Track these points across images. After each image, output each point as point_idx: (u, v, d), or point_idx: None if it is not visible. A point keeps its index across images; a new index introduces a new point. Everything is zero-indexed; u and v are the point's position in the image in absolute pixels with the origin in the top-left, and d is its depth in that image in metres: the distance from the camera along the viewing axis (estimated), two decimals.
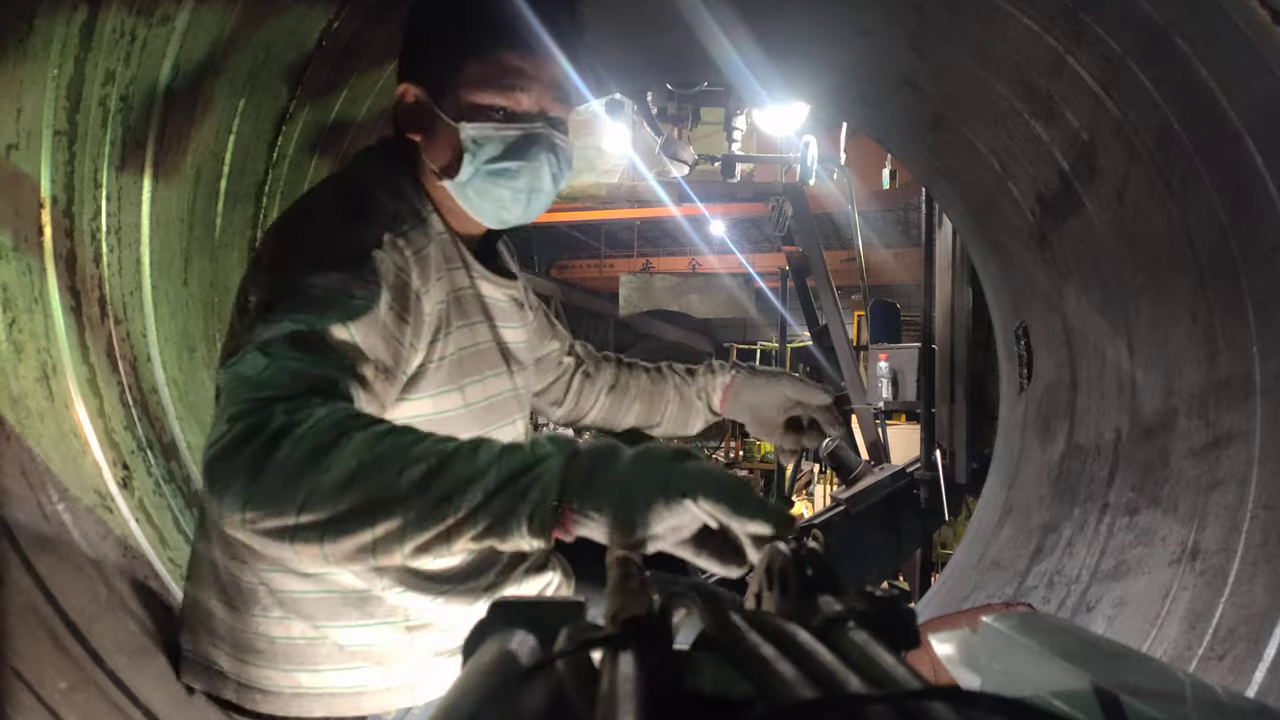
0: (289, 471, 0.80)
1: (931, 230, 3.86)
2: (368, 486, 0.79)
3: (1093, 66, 1.76)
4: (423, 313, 1.12)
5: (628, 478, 0.76)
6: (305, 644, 1.20)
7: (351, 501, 0.79)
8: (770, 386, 1.59)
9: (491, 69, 1.15)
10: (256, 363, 0.89)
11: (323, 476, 0.80)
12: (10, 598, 1.22)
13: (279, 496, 0.81)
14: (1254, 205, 1.43)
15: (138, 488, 1.54)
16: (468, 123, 1.15)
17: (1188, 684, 0.52)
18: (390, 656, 1.21)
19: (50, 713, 1.21)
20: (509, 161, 1.15)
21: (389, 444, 0.81)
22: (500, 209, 1.20)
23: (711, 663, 0.41)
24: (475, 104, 1.15)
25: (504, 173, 1.16)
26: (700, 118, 5.13)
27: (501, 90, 1.15)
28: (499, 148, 1.15)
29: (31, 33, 1.26)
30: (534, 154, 1.16)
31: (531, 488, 0.77)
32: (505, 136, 1.15)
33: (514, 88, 1.15)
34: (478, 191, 1.18)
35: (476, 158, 1.15)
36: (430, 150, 1.20)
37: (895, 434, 5.35)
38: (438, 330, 1.16)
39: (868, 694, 0.31)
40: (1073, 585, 2.00)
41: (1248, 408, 1.52)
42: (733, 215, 10.79)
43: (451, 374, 1.19)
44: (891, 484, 3.93)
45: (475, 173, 1.16)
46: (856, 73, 2.78)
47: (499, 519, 0.78)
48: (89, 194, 1.47)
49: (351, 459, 0.80)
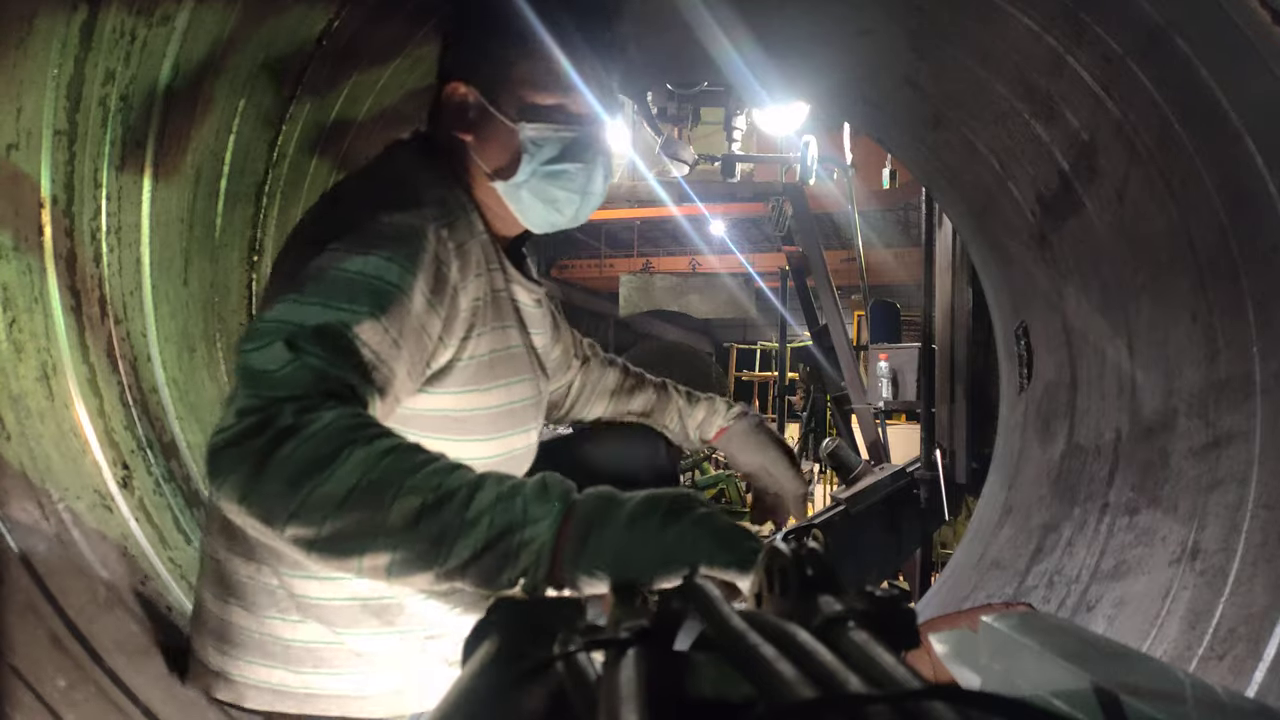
0: (287, 476, 0.79)
1: (931, 230, 3.86)
2: (359, 512, 0.77)
3: (1093, 66, 1.76)
4: (458, 307, 1.10)
5: (625, 547, 0.72)
6: (321, 647, 1.18)
7: (341, 523, 0.77)
8: (758, 453, 1.60)
9: (550, 69, 1.14)
10: (279, 356, 0.86)
11: (317, 489, 0.78)
12: (10, 597, 1.22)
13: (274, 499, 0.79)
14: (1254, 205, 1.43)
15: (138, 488, 1.54)
16: (527, 123, 1.14)
17: (1188, 684, 0.52)
18: (404, 662, 1.20)
19: (50, 712, 1.21)
20: (567, 163, 1.15)
21: (387, 466, 0.79)
22: (553, 211, 1.20)
23: (712, 663, 0.41)
24: (534, 104, 1.14)
25: (561, 174, 1.15)
26: (700, 118, 5.12)
27: (558, 91, 1.14)
28: (557, 149, 1.15)
29: (31, 33, 1.26)
30: (590, 156, 1.16)
31: (522, 550, 0.75)
32: (563, 138, 1.15)
33: (572, 89, 1.14)
34: (533, 193, 1.17)
35: (534, 159, 1.15)
36: (483, 151, 1.18)
37: (895, 434, 5.35)
38: (470, 328, 1.14)
39: (867, 694, 0.31)
40: (1073, 585, 2.00)
41: (1248, 408, 1.52)
42: (733, 215, 10.80)
43: (479, 374, 1.16)
44: (891, 484, 3.93)
45: (533, 174, 1.16)
46: (857, 73, 2.78)
47: (487, 576, 0.76)
48: (89, 194, 1.47)
49: (349, 476, 0.78)
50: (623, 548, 0.72)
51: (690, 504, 0.75)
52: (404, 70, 2.24)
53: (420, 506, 0.76)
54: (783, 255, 6.70)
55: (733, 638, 0.40)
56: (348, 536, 0.77)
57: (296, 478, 0.78)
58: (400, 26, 2.10)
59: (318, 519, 0.77)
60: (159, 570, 1.52)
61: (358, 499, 0.77)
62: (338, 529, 0.77)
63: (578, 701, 0.39)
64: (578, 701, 0.39)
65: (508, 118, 1.14)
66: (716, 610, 0.43)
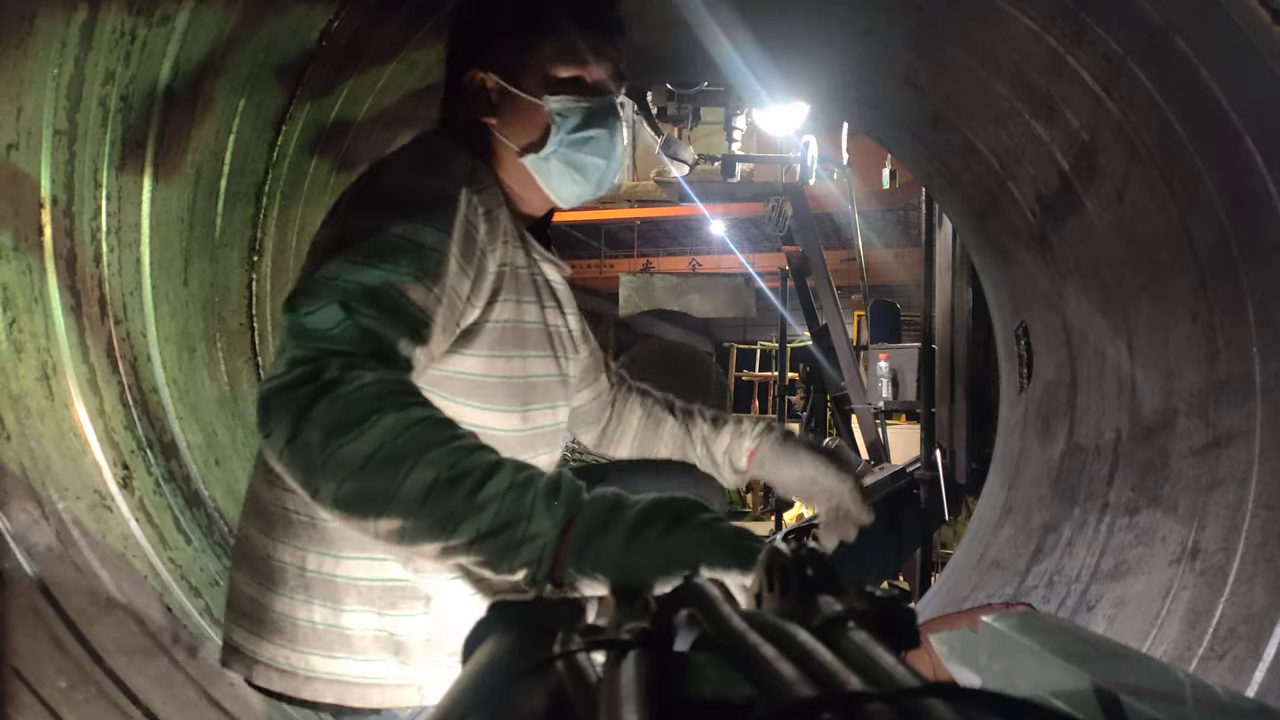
0: (323, 428, 0.82)
1: (931, 230, 3.86)
2: (377, 476, 0.80)
3: (1093, 66, 1.76)
4: (485, 269, 1.15)
5: (625, 554, 0.73)
6: (324, 629, 1.19)
7: (360, 484, 0.81)
8: (795, 467, 1.49)
9: (566, 45, 1.21)
10: (334, 315, 0.91)
11: (345, 446, 0.81)
12: (10, 598, 1.22)
13: (309, 449, 0.83)
14: (1254, 205, 1.43)
15: (138, 488, 1.54)
16: (551, 96, 1.21)
17: (1188, 684, 0.52)
18: (408, 652, 1.20)
19: (50, 712, 1.21)
20: (591, 130, 1.21)
21: (412, 435, 0.82)
22: (580, 179, 1.26)
23: (712, 663, 0.41)
24: (555, 78, 1.21)
25: (587, 141, 1.22)
26: (700, 118, 5.12)
27: (577, 64, 1.21)
28: (580, 117, 1.21)
29: (31, 33, 1.26)
30: (610, 122, 1.23)
31: (524, 545, 0.77)
32: (585, 107, 1.21)
33: (587, 61, 1.22)
34: (563, 161, 1.24)
35: (561, 129, 1.22)
36: (509, 130, 1.24)
37: (895, 434, 5.34)
38: (495, 293, 1.19)
39: (866, 692, 0.31)
40: (1073, 585, 2.00)
41: (1248, 408, 1.52)
42: (733, 215, 10.79)
43: (503, 340, 1.21)
44: (891, 484, 3.93)
45: (560, 143, 1.22)
46: (857, 73, 2.78)
47: (489, 561, 0.78)
48: (89, 194, 1.47)
49: (374, 440, 0.81)
50: (624, 553, 0.73)
51: (694, 510, 0.75)
52: (403, 71, 2.24)
53: (433, 481, 0.79)
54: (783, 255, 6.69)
55: (733, 638, 0.40)
56: (365, 498, 0.81)
57: (329, 432, 0.82)
58: (400, 27, 2.10)
59: (341, 476, 0.81)
60: (159, 570, 1.52)
61: (378, 463, 0.80)
62: (357, 489, 0.81)
63: (578, 702, 0.39)
64: (578, 702, 0.39)
65: (532, 94, 1.21)
66: (716, 610, 0.43)
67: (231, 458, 1.93)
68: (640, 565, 0.72)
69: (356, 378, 0.85)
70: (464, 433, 0.85)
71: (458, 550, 0.78)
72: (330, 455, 0.81)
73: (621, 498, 0.78)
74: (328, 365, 0.85)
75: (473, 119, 1.26)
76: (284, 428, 0.83)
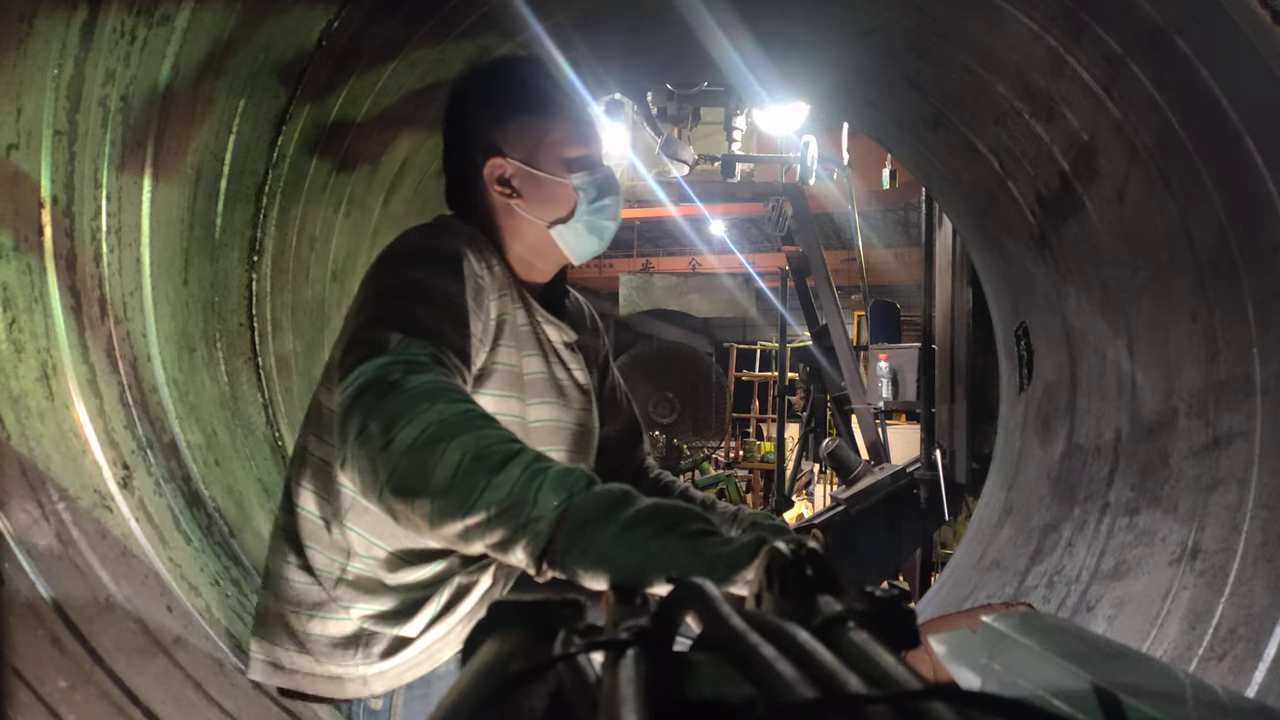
0: (383, 420, 0.91)
1: (931, 230, 3.86)
2: (416, 458, 0.88)
3: (1093, 66, 1.76)
4: (490, 314, 1.28)
5: (612, 548, 0.76)
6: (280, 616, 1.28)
7: (404, 468, 0.88)
8: None
9: (573, 128, 1.38)
10: (390, 338, 1.03)
11: (398, 435, 0.89)
12: (10, 598, 1.22)
13: (372, 439, 0.91)
14: (1254, 205, 1.43)
15: (138, 488, 1.54)
16: (572, 174, 1.37)
17: (1188, 684, 0.52)
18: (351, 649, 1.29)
19: (50, 712, 1.21)
20: (606, 199, 1.39)
21: (450, 424, 0.90)
22: (596, 239, 1.41)
23: (712, 663, 0.41)
24: (573, 157, 1.37)
25: (604, 208, 1.39)
26: (700, 118, 5.12)
27: (584, 143, 1.38)
28: (597, 189, 1.38)
29: (31, 33, 1.26)
30: (616, 187, 1.41)
31: (527, 526, 0.81)
32: (598, 179, 1.39)
33: (590, 139, 1.40)
34: (586, 227, 1.39)
35: (585, 200, 1.38)
36: (535, 208, 1.38)
37: (895, 434, 5.35)
38: (498, 338, 1.30)
39: (867, 694, 0.31)
40: (1073, 585, 2.00)
41: (1248, 408, 1.52)
42: (733, 215, 10.79)
43: (511, 383, 1.31)
44: (891, 484, 3.93)
45: (585, 212, 1.38)
46: (857, 73, 2.78)
47: (499, 542, 0.83)
48: (89, 194, 1.47)
49: (418, 426, 0.89)
50: (612, 546, 0.76)
51: (689, 519, 0.77)
52: (403, 71, 2.24)
53: (459, 461, 0.86)
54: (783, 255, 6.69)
55: (732, 638, 0.40)
56: (406, 481, 0.88)
57: (388, 422, 0.91)
58: (399, 27, 2.10)
59: (393, 462, 0.88)
60: (159, 570, 1.52)
61: (420, 446, 0.88)
62: (401, 472, 0.88)
63: (577, 702, 0.39)
64: (577, 702, 0.39)
65: (555, 174, 1.36)
66: (716, 610, 0.43)
67: (231, 458, 1.93)
68: (625, 562, 0.75)
69: (416, 377, 0.96)
70: (498, 425, 0.93)
71: (474, 530, 0.83)
72: (387, 443, 0.89)
73: (628, 496, 0.81)
74: (392, 371, 0.97)
75: (489, 202, 1.39)
76: (354, 426, 0.93)
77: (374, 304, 1.13)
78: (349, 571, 1.27)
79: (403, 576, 1.27)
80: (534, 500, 0.82)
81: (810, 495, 9.09)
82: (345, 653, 1.27)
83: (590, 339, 1.58)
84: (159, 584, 1.50)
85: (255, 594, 1.73)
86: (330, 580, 1.28)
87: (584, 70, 2.76)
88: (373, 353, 1.00)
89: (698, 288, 12.25)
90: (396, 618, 1.27)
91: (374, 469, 0.90)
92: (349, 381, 0.98)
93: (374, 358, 0.99)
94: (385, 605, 1.27)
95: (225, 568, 1.74)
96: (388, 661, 1.28)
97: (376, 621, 1.27)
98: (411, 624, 1.27)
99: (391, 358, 0.99)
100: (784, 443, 8.42)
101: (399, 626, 1.27)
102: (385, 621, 1.27)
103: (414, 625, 1.27)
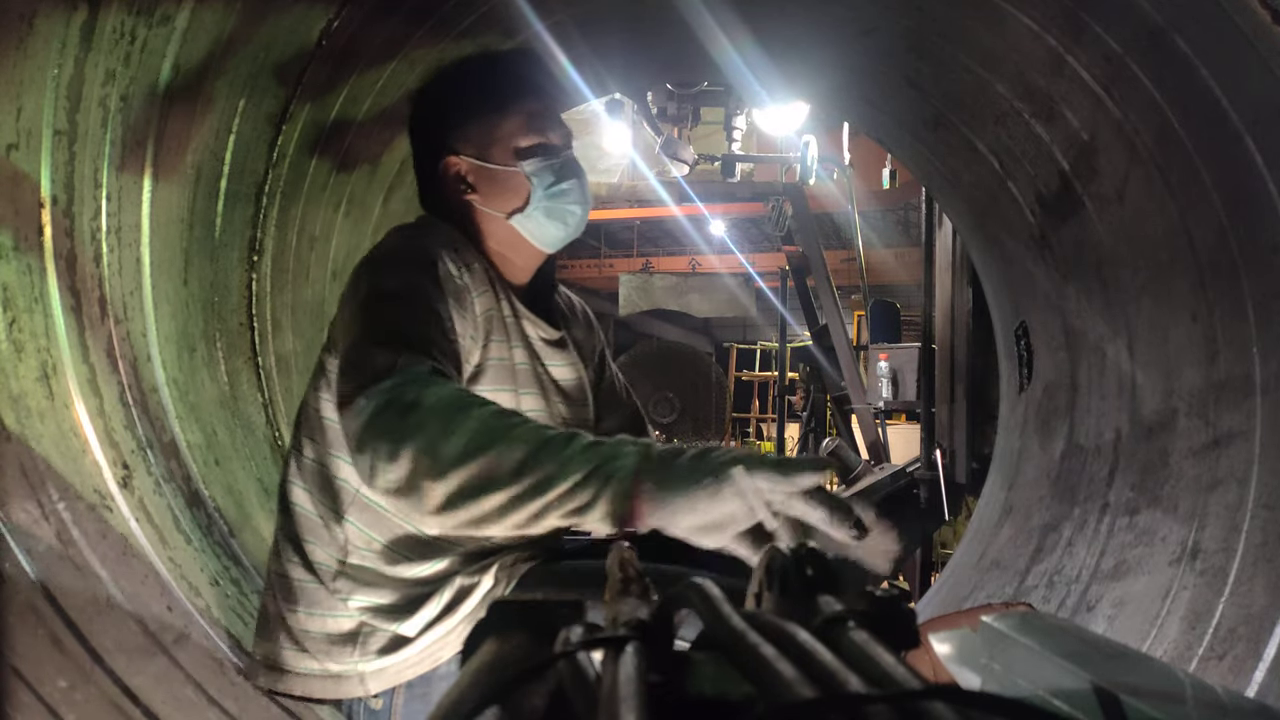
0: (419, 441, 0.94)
1: (931, 230, 3.86)
2: (474, 465, 0.91)
3: (1093, 66, 1.76)
4: (475, 311, 1.29)
5: (693, 469, 0.85)
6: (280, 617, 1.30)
7: (462, 478, 0.91)
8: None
9: (525, 118, 1.39)
10: (383, 358, 1.05)
11: (441, 450, 0.93)
12: (10, 598, 1.22)
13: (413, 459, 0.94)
14: (1254, 205, 1.43)
15: (138, 488, 1.54)
16: (524, 162, 1.38)
17: (1188, 684, 0.52)
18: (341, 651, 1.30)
19: (50, 712, 1.21)
20: (564, 183, 1.40)
21: (491, 428, 0.94)
22: (559, 224, 1.41)
23: (711, 663, 0.41)
24: (523, 147, 1.39)
25: (562, 193, 1.40)
26: (700, 118, 5.13)
27: (538, 132, 1.39)
28: (552, 175, 1.39)
29: (31, 33, 1.26)
30: (576, 171, 1.41)
31: (610, 481, 0.87)
32: (553, 165, 1.40)
33: (545, 128, 1.40)
34: (545, 213, 1.40)
35: (539, 187, 1.39)
36: (494, 200, 1.40)
37: (895, 434, 5.35)
38: (488, 334, 1.32)
39: (867, 694, 0.31)
40: (1073, 585, 2.00)
41: (1248, 408, 1.52)
42: (733, 215, 10.79)
43: (504, 376, 1.33)
44: (891, 484, 3.93)
45: (541, 198, 1.39)
46: (857, 72, 2.78)
47: (581, 507, 0.88)
48: (89, 194, 1.47)
49: (462, 437, 0.93)
50: (692, 469, 0.85)
51: (747, 453, 0.89)
52: (403, 71, 2.24)
53: (524, 456, 0.91)
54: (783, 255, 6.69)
55: (733, 637, 0.40)
56: (469, 487, 0.91)
57: (426, 442, 0.93)
58: (399, 27, 2.10)
59: (444, 473, 0.92)
60: (159, 570, 1.52)
61: (473, 454, 0.91)
62: (460, 482, 0.91)
63: (577, 700, 0.39)
64: (577, 700, 0.39)
65: (507, 165, 1.38)
66: (716, 609, 0.43)
67: (231, 458, 1.93)
68: (706, 475, 0.84)
69: (431, 393, 0.98)
70: (528, 418, 0.98)
71: (553, 506, 0.89)
72: (433, 460, 0.92)
73: (681, 446, 0.91)
74: (402, 390, 0.99)
75: (455, 202, 1.42)
76: (384, 452, 0.95)
77: (360, 321, 1.15)
78: (347, 564, 1.29)
79: (401, 570, 1.28)
80: (613, 457, 0.89)
81: None
82: (343, 649, 1.28)
83: (584, 335, 1.60)
84: (159, 584, 1.50)
85: (255, 594, 1.73)
86: (329, 574, 1.29)
87: (584, 69, 2.76)
88: (373, 375, 1.02)
89: (698, 287, 12.26)
90: (395, 613, 1.28)
91: (419, 486, 0.93)
92: (358, 408, 0.99)
93: (379, 380, 1.01)
94: (384, 598, 1.28)
95: (225, 568, 1.74)
96: (385, 659, 1.28)
97: (375, 615, 1.28)
98: (410, 622, 1.28)
99: (397, 379, 1.01)
100: (784, 443, 8.42)
101: (397, 623, 1.28)
102: (384, 616, 1.28)
103: (413, 624, 1.28)
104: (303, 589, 1.30)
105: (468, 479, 0.91)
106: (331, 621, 1.28)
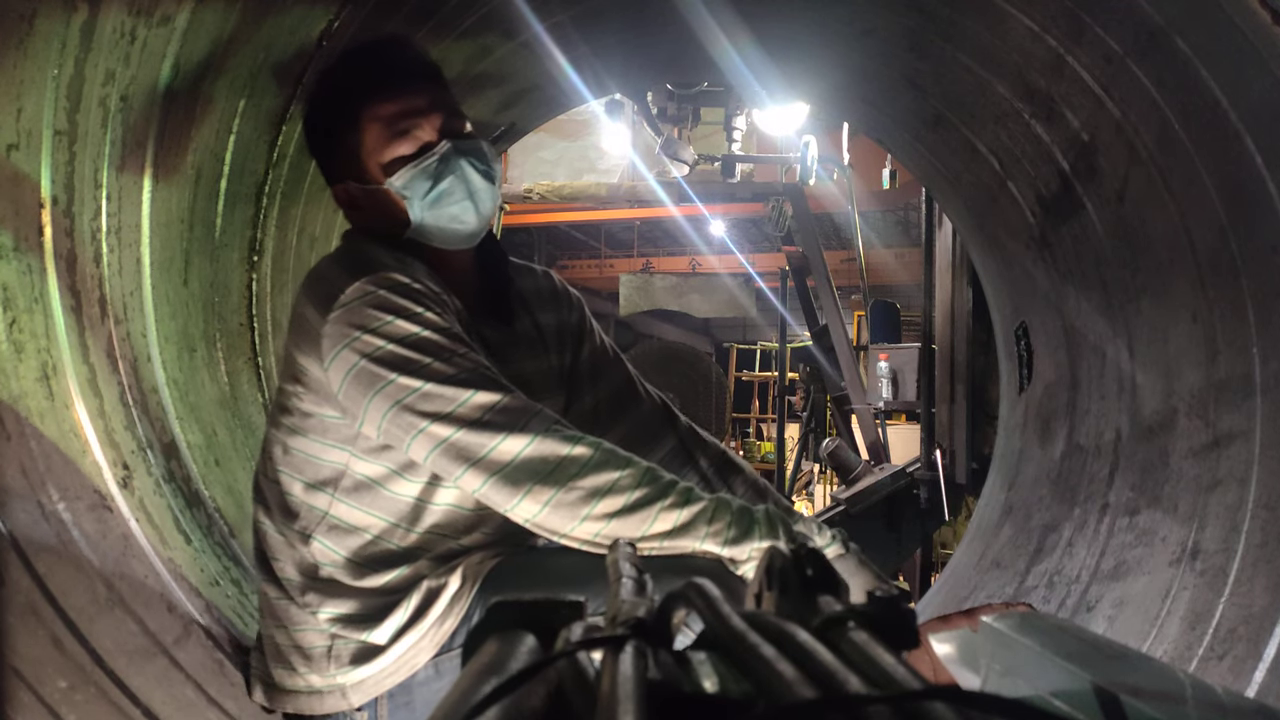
0: (562, 479, 1.12)
1: (931, 230, 3.86)
2: (631, 518, 1.12)
3: (1093, 66, 1.76)
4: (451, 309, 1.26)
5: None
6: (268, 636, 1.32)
7: (617, 523, 1.12)
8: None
9: (381, 127, 1.28)
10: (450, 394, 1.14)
11: (590, 489, 1.12)
12: (10, 598, 1.22)
13: (567, 505, 1.12)
14: (1254, 205, 1.43)
15: (138, 488, 1.54)
16: (390, 178, 1.28)
17: (1188, 684, 0.52)
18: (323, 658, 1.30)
19: (50, 712, 1.21)
20: (441, 184, 1.28)
21: (641, 487, 1.13)
22: (458, 224, 1.32)
23: (711, 663, 0.41)
24: (386, 162, 1.28)
25: (441, 195, 1.29)
26: (700, 118, 5.12)
27: (399, 138, 1.28)
28: (426, 179, 1.28)
29: (31, 33, 1.26)
30: (453, 166, 1.29)
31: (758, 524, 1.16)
32: (425, 169, 1.28)
33: (407, 130, 1.28)
34: (434, 220, 1.31)
35: (414, 199, 1.29)
36: (382, 221, 1.33)
37: (895, 434, 5.34)
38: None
39: (867, 694, 0.31)
40: (1073, 585, 2.00)
41: (1248, 408, 1.52)
42: (733, 215, 10.78)
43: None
44: (891, 484, 3.93)
45: (423, 209, 1.30)
46: (857, 73, 2.78)
47: (735, 539, 1.13)
48: (89, 194, 1.47)
49: (612, 484, 1.12)
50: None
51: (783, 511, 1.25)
52: None
53: (675, 520, 1.12)
54: (783, 255, 6.69)
55: (733, 637, 0.40)
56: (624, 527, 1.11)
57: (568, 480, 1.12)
58: (400, 27, 2.10)
59: (600, 517, 1.12)
60: (159, 570, 1.52)
61: (630, 507, 1.12)
62: (615, 525, 1.11)
63: (577, 701, 0.39)
64: (577, 701, 0.39)
65: (378, 183, 1.29)
66: (716, 610, 0.43)
67: (231, 458, 1.93)
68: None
69: (539, 422, 1.14)
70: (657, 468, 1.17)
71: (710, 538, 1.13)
72: (590, 507, 1.11)
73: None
74: (516, 419, 1.13)
75: (366, 221, 1.36)
76: (535, 491, 1.11)
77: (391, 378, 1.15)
78: (315, 579, 1.29)
79: (367, 581, 1.28)
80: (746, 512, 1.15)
81: (810, 495, 9.09)
82: (320, 663, 1.28)
83: (554, 316, 1.53)
84: (159, 584, 1.50)
85: (255, 594, 1.73)
86: (297, 589, 1.29)
87: (584, 69, 2.76)
88: (451, 419, 1.12)
89: (698, 288, 12.25)
90: (364, 622, 1.27)
91: (568, 523, 1.11)
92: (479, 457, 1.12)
93: (458, 419, 1.12)
94: (351, 608, 1.27)
95: (225, 568, 1.74)
96: (361, 670, 1.27)
97: (344, 626, 1.27)
98: (380, 630, 1.27)
99: (481, 412, 1.12)
100: (784, 443, 8.42)
101: (367, 632, 1.27)
102: (352, 626, 1.27)
103: (383, 631, 1.27)
104: (278, 605, 1.31)
105: (623, 524, 1.11)
106: (305, 636, 1.29)
